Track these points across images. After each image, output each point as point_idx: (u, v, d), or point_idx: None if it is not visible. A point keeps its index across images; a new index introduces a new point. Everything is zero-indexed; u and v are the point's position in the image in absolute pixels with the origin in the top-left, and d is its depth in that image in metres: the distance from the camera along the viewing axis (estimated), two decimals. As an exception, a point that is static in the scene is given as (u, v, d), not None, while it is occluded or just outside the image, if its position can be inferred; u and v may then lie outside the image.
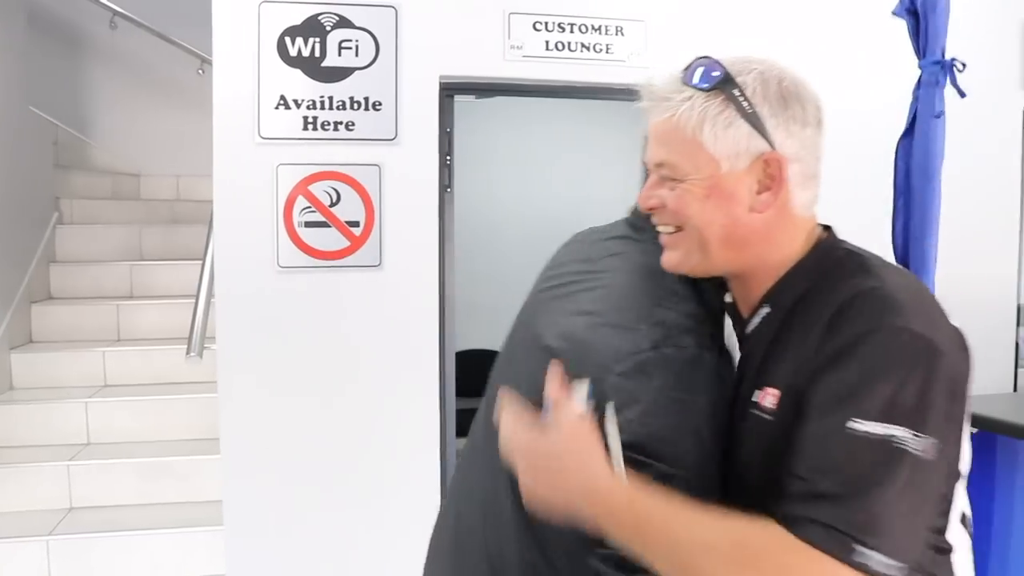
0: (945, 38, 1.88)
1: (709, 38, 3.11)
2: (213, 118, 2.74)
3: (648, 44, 3.05)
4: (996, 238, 3.38)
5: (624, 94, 3.18)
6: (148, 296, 4.72)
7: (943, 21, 1.86)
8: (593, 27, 3.00)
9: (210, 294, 3.32)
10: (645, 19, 3.04)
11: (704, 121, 1.14)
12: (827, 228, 1.26)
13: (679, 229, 1.20)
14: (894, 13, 2.00)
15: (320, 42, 2.76)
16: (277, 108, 2.74)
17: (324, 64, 2.77)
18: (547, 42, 2.97)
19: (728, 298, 1.29)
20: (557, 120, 6.33)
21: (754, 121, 1.13)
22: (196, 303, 3.40)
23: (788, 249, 1.20)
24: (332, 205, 2.79)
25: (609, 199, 6.74)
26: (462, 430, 3.49)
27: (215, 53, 2.75)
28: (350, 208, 2.81)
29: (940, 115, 1.81)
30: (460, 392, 3.21)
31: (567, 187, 6.52)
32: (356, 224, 2.82)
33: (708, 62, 1.17)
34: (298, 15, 2.75)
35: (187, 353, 3.34)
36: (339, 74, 2.79)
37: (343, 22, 2.77)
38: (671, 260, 1.23)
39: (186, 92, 5.82)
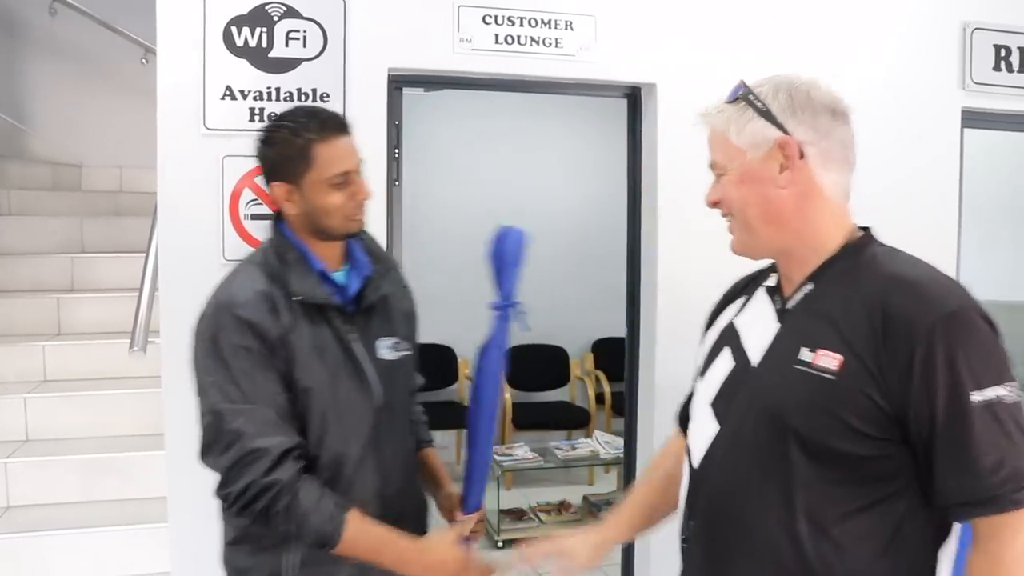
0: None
1: (658, 33, 3.14)
2: (157, 108, 2.69)
3: (597, 39, 3.06)
4: (936, 238, 3.44)
5: (573, 88, 3.22)
6: (90, 289, 4.62)
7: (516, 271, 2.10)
8: (543, 21, 3.01)
9: (154, 287, 3.27)
10: (595, 14, 3.05)
11: (730, 123, 1.47)
12: (866, 229, 1.51)
13: (732, 216, 1.50)
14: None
15: (267, 32, 2.73)
16: (223, 99, 2.70)
17: (271, 55, 2.74)
18: (497, 35, 2.97)
19: (772, 281, 1.56)
20: (506, 114, 6.34)
21: (767, 115, 1.45)
22: (140, 297, 3.35)
23: (827, 232, 1.45)
24: (279, 198, 2.76)
25: (556, 192, 6.83)
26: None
27: (159, 42, 2.70)
28: (297, 201, 2.78)
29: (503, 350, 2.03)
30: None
31: (514, 180, 6.54)
32: (304, 217, 2.79)
33: (739, 83, 1.52)
34: (245, 4, 2.71)
35: (130, 347, 3.29)
36: (286, 65, 2.75)
37: (291, 12, 2.74)
38: (733, 244, 1.54)
39: (129, 82, 5.71)
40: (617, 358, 3.71)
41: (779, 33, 3.27)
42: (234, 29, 2.71)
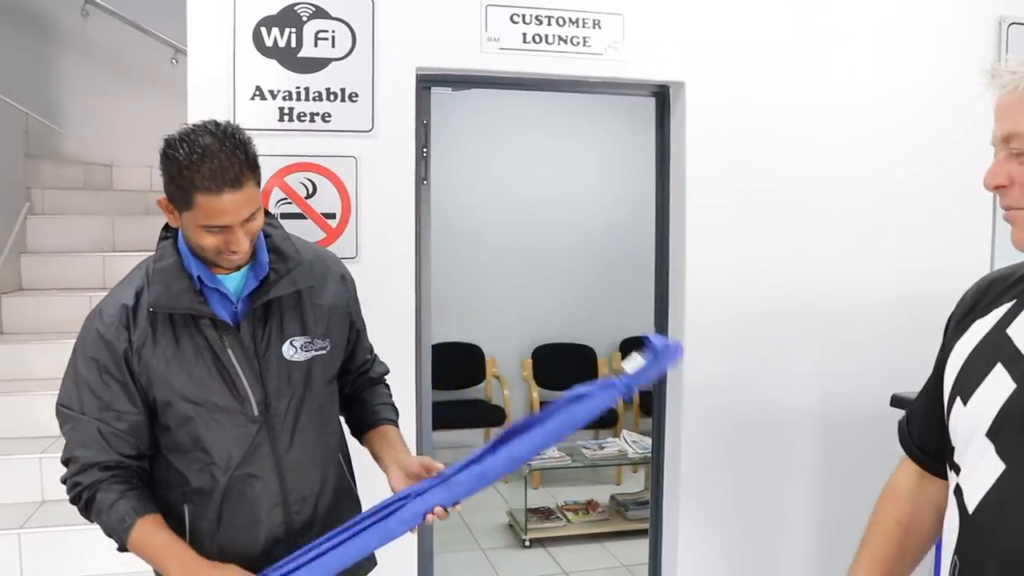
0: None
1: (686, 31, 3.12)
2: (187, 108, 2.71)
3: (625, 37, 3.05)
4: (969, 228, 3.39)
5: (601, 87, 3.21)
6: (121, 287, 4.67)
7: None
8: (571, 20, 3.00)
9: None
10: (623, 12, 3.05)
11: None
12: None
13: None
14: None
15: (296, 32, 2.74)
16: (252, 99, 2.72)
17: (300, 55, 2.76)
18: (524, 34, 2.97)
19: None
20: (534, 113, 6.34)
21: None
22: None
23: None
24: (308, 197, 2.77)
25: (583, 192, 6.83)
26: (438, 423, 3.51)
27: (190, 43, 2.73)
28: (326, 200, 2.80)
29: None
30: (436, 385, 3.21)
31: (542, 180, 6.54)
32: (332, 216, 2.81)
33: None
34: (274, 5, 2.73)
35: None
36: (315, 65, 2.77)
37: (319, 12, 2.76)
38: (1015, 238, 1.21)
39: (159, 82, 5.76)
40: (645, 357, 3.69)
41: (810, 30, 3.25)
42: (263, 29, 2.73)
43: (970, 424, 1.23)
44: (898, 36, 3.33)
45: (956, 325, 1.37)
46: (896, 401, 2.72)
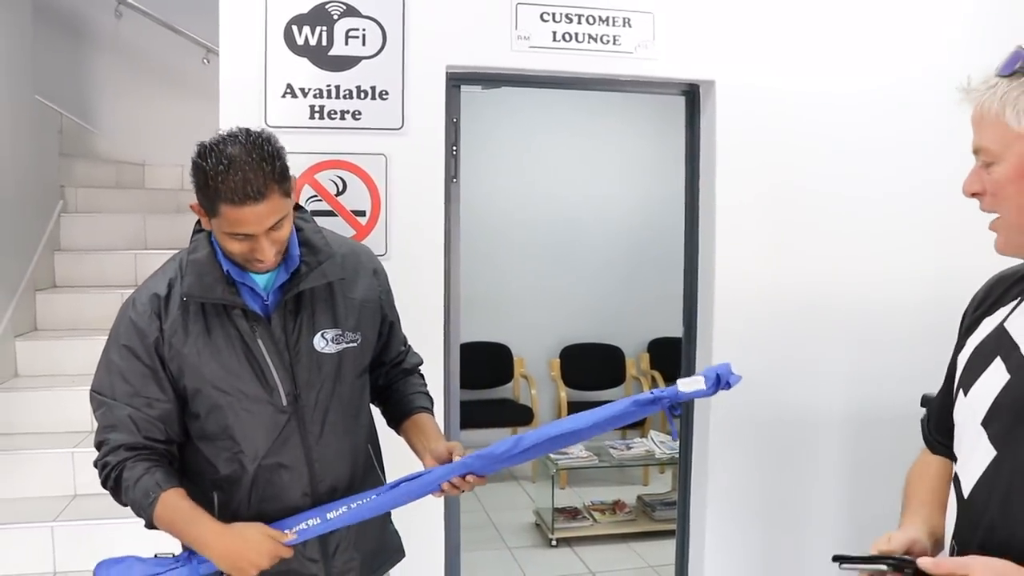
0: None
1: (717, 30, 3.11)
2: (220, 106, 2.73)
3: (655, 36, 3.04)
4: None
5: (631, 85, 3.20)
6: (153, 285, 4.72)
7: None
8: (601, 18, 3.00)
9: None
10: (653, 11, 3.04)
11: (1006, 104, 1.21)
12: None
13: (997, 212, 1.27)
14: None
15: (327, 31, 2.76)
16: (284, 97, 2.74)
17: (331, 53, 2.77)
18: (554, 33, 2.96)
19: None
20: (563, 111, 6.34)
21: None
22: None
23: None
24: (338, 194, 2.79)
25: (612, 191, 6.80)
26: (466, 422, 3.51)
27: (221, 41, 2.75)
28: (356, 197, 2.81)
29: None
30: (463, 384, 3.22)
31: (571, 179, 6.53)
32: (362, 213, 2.82)
33: (1015, 51, 1.24)
34: (305, 3, 2.75)
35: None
36: (346, 63, 2.78)
37: (350, 11, 2.77)
38: (1000, 244, 1.30)
39: (191, 81, 5.82)
40: (673, 358, 3.68)
41: (840, 29, 3.22)
42: (295, 28, 2.74)
43: (968, 414, 1.31)
44: (929, 35, 3.29)
45: (968, 322, 1.45)
46: (925, 402, 2.69)
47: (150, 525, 1.81)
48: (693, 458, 3.34)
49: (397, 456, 2.08)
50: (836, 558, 1.27)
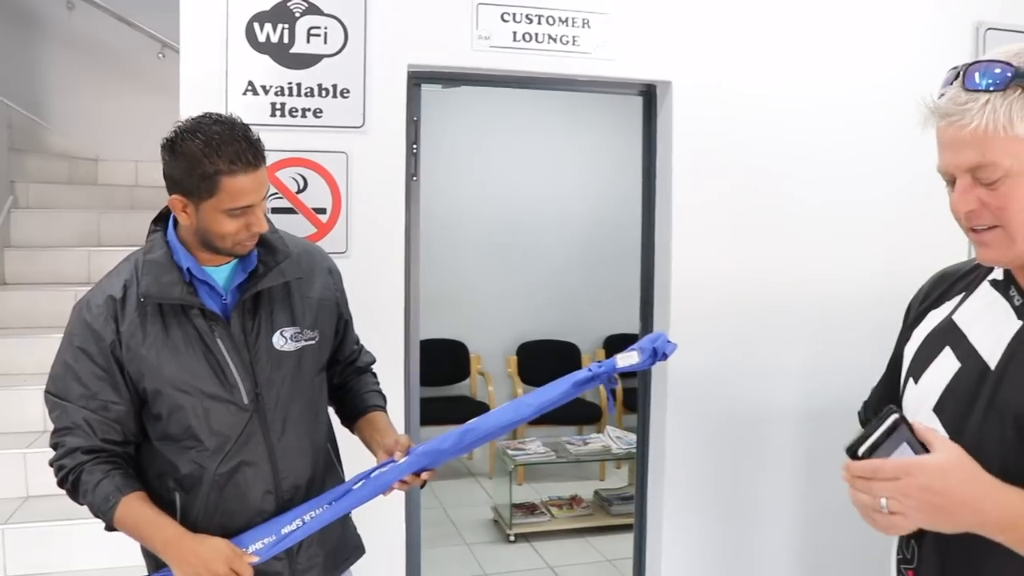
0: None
1: (674, 31, 3.15)
2: (180, 103, 2.71)
3: (614, 37, 3.08)
4: (948, 228, 3.43)
5: (589, 85, 3.24)
6: (107, 282, 4.66)
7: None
8: (560, 19, 3.03)
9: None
10: (611, 12, 3.08)
11: (1014, 116, 1.18)
12: None
13: (994, 227, 1.24)
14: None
15: (289, 28, 2.76)
16: (245, 94, 2.73)
17: (293, 51, 2.77)
18: (515, 33, 2.99)
19: (999, 275, 1.37)
20: (523, 110, 6.37)
21: None
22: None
23: None
24: (299, 192, 2.79)
25: (570, 190, 6.85)
26: (424, 419, 3.53)
27: (182, 38, 2.73)
28: (317, 195, 2.81)
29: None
30: (422, 381, 3.23)
31: (530, 177, 6.57)
32: (323, 211, 2.82)
33: (987, 64, 1.22)
34: (267, 1, 2.74)
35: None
36: (308, 61, 2.78)
37: (312, 9, 2.77)
38: (994, 255, 1.28)
39: (146, 76, 5.76)
40: (630, 354, 3.71)
41: (794, 31, 3.29)
42: (256, 25, 2.74)
43: (919, 400, 1.37)
44: (881, 41, 3.37)
45: (914, 316, 1.52)
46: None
47: (110, 528, 1.81)
48: (650, 453, 3.38)
49: (353, 454, 2.10)
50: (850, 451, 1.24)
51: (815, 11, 3.31)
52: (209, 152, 1.69)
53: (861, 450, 1.20)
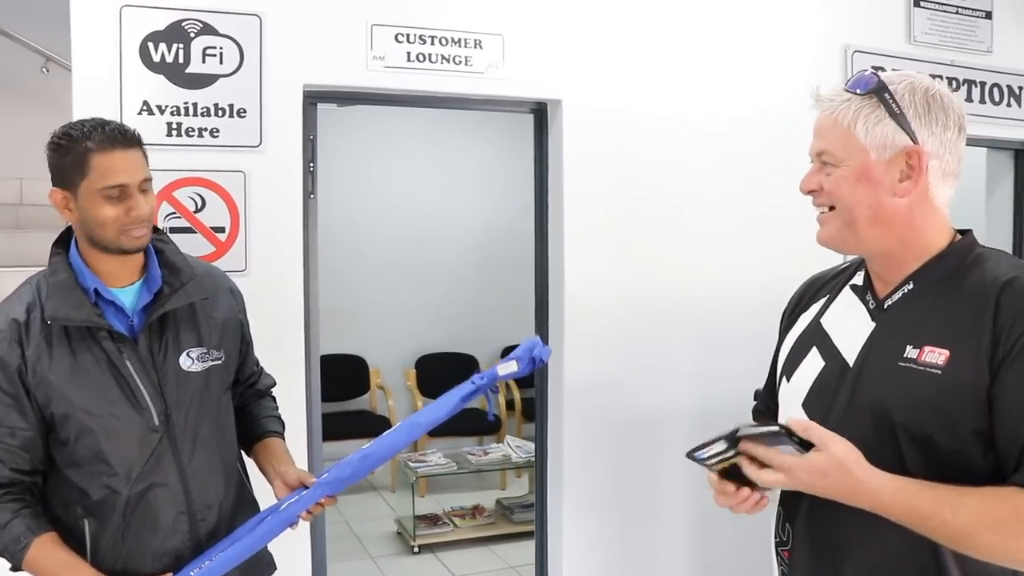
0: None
1: (564, 51, 3.28)
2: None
3: (505, 57, 3.18)
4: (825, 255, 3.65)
5: (481, 104, 3.33)
6: (-9, 304, 4.51)
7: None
8: (453, 40, 3.11)
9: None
10: (503, 33, 3.17)
11: (858, 118, 1.39)
12: (966, 232, 1.46)
13: (832, 209, 1.45)
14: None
15: (184, 48, 2.76)
16: (140, 114, 2.72)
17: (188, 70, 2.77)
18: (408, 53, 3.06)
19: (859, 280, 1.53)
20: (418, 129, 6.44)
21: (900, 121, 1.37)
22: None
23: (931, 238, 1.42)
24: (197, 211, 2.79)
25: (465, 205, 6.94)
26: (328, 434, 3.55)
27: (74, 56, 2.71)
28: (215, 214, 2.82)
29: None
30: (325, 397, 3.26)
31: (426, 193, 6.65)
32: (221, 230, 2.83)
33: (868, 73, 1.42)
34: (161, 20, 2.74)
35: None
36: (203, 81, 2.79)
37: (207, 29, 2.78)
38: (824, 235, 1.49)
39: (29, 91, 5.58)
40: (528, 364, 3.81)
41: (679, 54, 3.45)
42: (151, 45, 2.73)
43: (791, 397, 1.54)
44: (759, 64, 3.57)
45: (788, 319, 1.70)
46: (757, 396, 2.92)
47: (17, 568, 1.78)
48: (548, 461, 3.48)
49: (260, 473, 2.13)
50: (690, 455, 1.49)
51: (698, 35, 3.48)
52: (80, 136, 1.75)
53: (697, 455, 1.45)
